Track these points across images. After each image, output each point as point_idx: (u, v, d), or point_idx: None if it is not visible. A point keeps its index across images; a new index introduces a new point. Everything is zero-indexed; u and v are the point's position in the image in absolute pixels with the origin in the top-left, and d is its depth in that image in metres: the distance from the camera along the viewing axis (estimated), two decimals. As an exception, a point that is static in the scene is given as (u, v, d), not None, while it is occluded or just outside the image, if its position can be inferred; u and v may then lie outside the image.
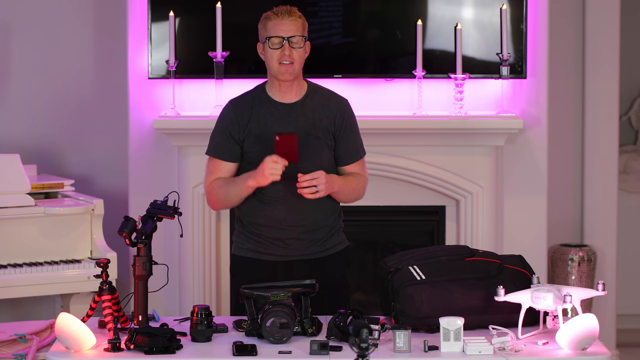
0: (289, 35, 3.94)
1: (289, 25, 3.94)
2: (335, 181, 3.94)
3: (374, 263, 5.65)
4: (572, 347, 3.46)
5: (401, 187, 5.55)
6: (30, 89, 5.86)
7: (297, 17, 3.97)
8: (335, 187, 3.94)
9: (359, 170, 4.08)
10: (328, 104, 4.04)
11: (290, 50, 3.93)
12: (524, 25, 5.45)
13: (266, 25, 3.97)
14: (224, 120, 4.04)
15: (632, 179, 6.74)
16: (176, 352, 3.46)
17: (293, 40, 3.94)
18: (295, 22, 3.96)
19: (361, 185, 4.07)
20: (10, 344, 4.38)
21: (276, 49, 3.94)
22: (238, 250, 4.11)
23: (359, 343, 2.94)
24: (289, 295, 3.62)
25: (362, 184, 4.08)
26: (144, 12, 5.45)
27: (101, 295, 3.65)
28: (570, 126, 6.03)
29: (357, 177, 4.06)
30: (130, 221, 3.74)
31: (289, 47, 3.93)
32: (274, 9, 3.99)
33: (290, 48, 3.93)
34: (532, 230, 5.61)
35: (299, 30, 3.96)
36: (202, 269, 5.46)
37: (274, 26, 3.95)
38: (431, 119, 5.41)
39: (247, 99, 4.05)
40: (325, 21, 5.47)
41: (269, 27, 3.95)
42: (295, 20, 3.96)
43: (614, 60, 5.89)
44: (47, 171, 5.73)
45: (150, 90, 5.50)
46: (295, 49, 3.94)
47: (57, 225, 5.03)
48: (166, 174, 5.52)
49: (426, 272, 3.79)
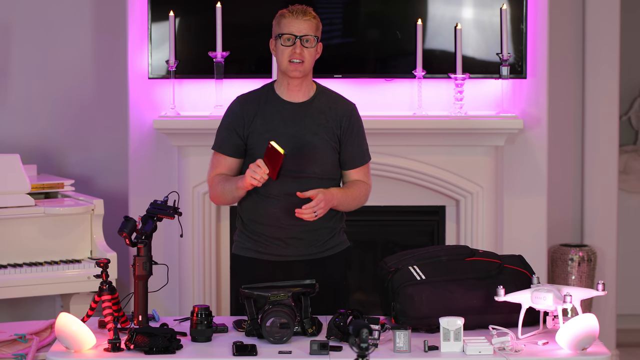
0: (302, 34, 3.94)
1: (302, 24, 3.95)
2: (334, 196, 3.93)
3: (374, 263, 5.65)
4: (572, 347, 3.46)
5: (401, 187, 5.55)
6: (30, 89, 5.86)
7: (311, 17, 3.98)
8: (335, 202, 3.94)
9: (363, 177, 4.07)
10: (335, 106, 4.04)
11: (301, 49, 3.94)
12: (524, 25, 5.45)
13: (280, 22, 3.98)
14: (230, 115, 4.06)
15: (632, 179, 6.74)
16: (176, 352, 3.46)
17: (305, 39, 3.95)
18: (309, 22, 3.97)
19: (363, 193, 4.06)
20: (10, 344, 4.38)
21: (287, 46, 3.95)
22: (238, 250, 4.12)
23: (359, 343, 2.94)
24: (289, 295, 3.62)
25: (364, 192, 4.07)
26: (144, 11, 5.45)
27: (101, 295, 3.65)
28: (570, 126, 6.03)
29: (359, 186, 4.05)
30: (130, 221, 3.74)
31: (300, 46, 3.94)
32: (290, 7, 4.00)
33: (302, 47, 3.94)
34: (532, 230, 5.61)
35: (311, 30, 3.97)
36: (202, 269, 5.46)
37: (287, 24, 3.96)
38: (431, 119, 5.41)
39: (255, 96, 4.06)
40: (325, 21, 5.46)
41: (283, 25, 3.97)
42: (309, 20, 3.97)
43: (614, 60, 5.89)
44: (47, 171, 5.73)
45: (150, 90, 5.50)
46: (307, 48, 3.95)
47: (57, 225, 5.03)
48: (166, 174, 5.53)
49: (426, 272, 3.79)
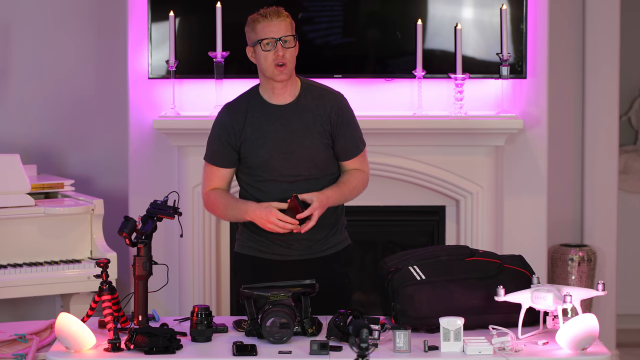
0: (280, 35, 3.91)
1: (279, 25, 3.92)
2: (329, 199, 3.93)
3: (374, 263, 5.64)
4: (572, 347, 3.46)
5: (401, 187, 5.55)
6: (30, 88, 5.86)
7: (285, 17, 3.94)
8: (330, 203, 3.94)
9: (359, 165, 4.06)
10: (322, 103, 4.00)
11: (283, 51, 3.91)
12: (524, 25, 5.45)
13: (255, 28, 3.93)
14: (219, 126, 4.02)
15: (632, 179, 6.74)
16: (176, 352, 3.46)
17: (284, 40, 3.92)
18: (284, 22, 3.93)
19: (360, 183, 4.05)
20: (10, 344, 4.38)
21: (269, 50, 3.91)
22: (240, 248, 4.11)
23: (359, 343, 2.94)
24: (289, 295, 3.62)
25: (362, 181, 4.06)
26: (144, 12, 5.45)
27: (101, 295, 3.65)
28: (570, 126, 6.03)
29: (354, 176, 4.03)
30: (130, 221, 3.74)
31: (282, 48, 3.91)
32: (261, 11, 3.94)
33: (284, 48, 3.91)
34: (532, 230, 5.61)
35: (289, 29, 3.94)
36: (202, 269, 5.46)
37: (263, 28, 3.91)
38: (431, 119, 5.40)
39: (242, 103, 4.02)
40: (325, 21, 5.47)
41: (259, 30, 3.92)
42: (284, 19, 3.94)
43: (614, 60, 5.89)
44: (47, 171, 5.73)
45: (150, 90, 5.50)
46: (288, 48, 3.93)
47: (57, 225, 5.03)
48: (166, 174, 5.52)
49: (426, 272, 3.79)
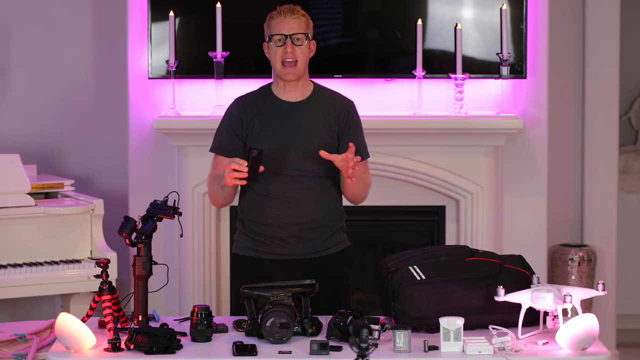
0: (291, 32, 3.95)
1: (291, 23, 3.96)
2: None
3: (374, 263, 5.64)
4: (572, 347, 3.46)
5: (401, 187, 5.55)
6: (31, 89, 5.86)
7: (299, 15, 3.99)
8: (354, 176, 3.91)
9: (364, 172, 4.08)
10: (333, 104, 4.04)
11: (292, 48, 3.94)
12: (524, 25, 5.45)
13: (270, 25, 4.00)
14: (228, 117, 4.07)
15: (632, 179, 6.74)
16: (176, 352, 3.46)
17: (295, 37, 3.95)
18: (297, 20, 3.97)
19: (368, 183, 4.07)
20: (10, 344, 4.38)
21: (278, 46, 3.95)
22: (238, 249, 4.12)
23: (359, 343, 2.94)
24: (289, 295, 3.62)
25: (369, 183, 4.08)
26: (144, 12, 5.45)
27: (101, 295, 3.65)
28: (570, 126, 6.02)
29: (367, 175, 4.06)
30: (130, 221, 3.74)
31: (291, 45, 3.94)
32: (278, 8, 4.01)
33: (293, 45, 3.94)
34: (532, 230, 5.61)
35: (301, 28, 3.97)
36: (202, 269, 5.46)
37: (276, 24, 3.97)
38: (431, 119, 5.40)
39: (253, 97, 4.08)
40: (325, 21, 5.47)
41: (272, 26, 3.98)
42: (298, 18, 3.98)
43: (614, 60, 5.89)
44: (47, 171, 5.73)
45: (150, 90, 5.50)
46: (298, 46, 3.95)
47: (57, 225, 5.03)
48: (166, 174, 5.52)
49: (426, 272, 3.79)
